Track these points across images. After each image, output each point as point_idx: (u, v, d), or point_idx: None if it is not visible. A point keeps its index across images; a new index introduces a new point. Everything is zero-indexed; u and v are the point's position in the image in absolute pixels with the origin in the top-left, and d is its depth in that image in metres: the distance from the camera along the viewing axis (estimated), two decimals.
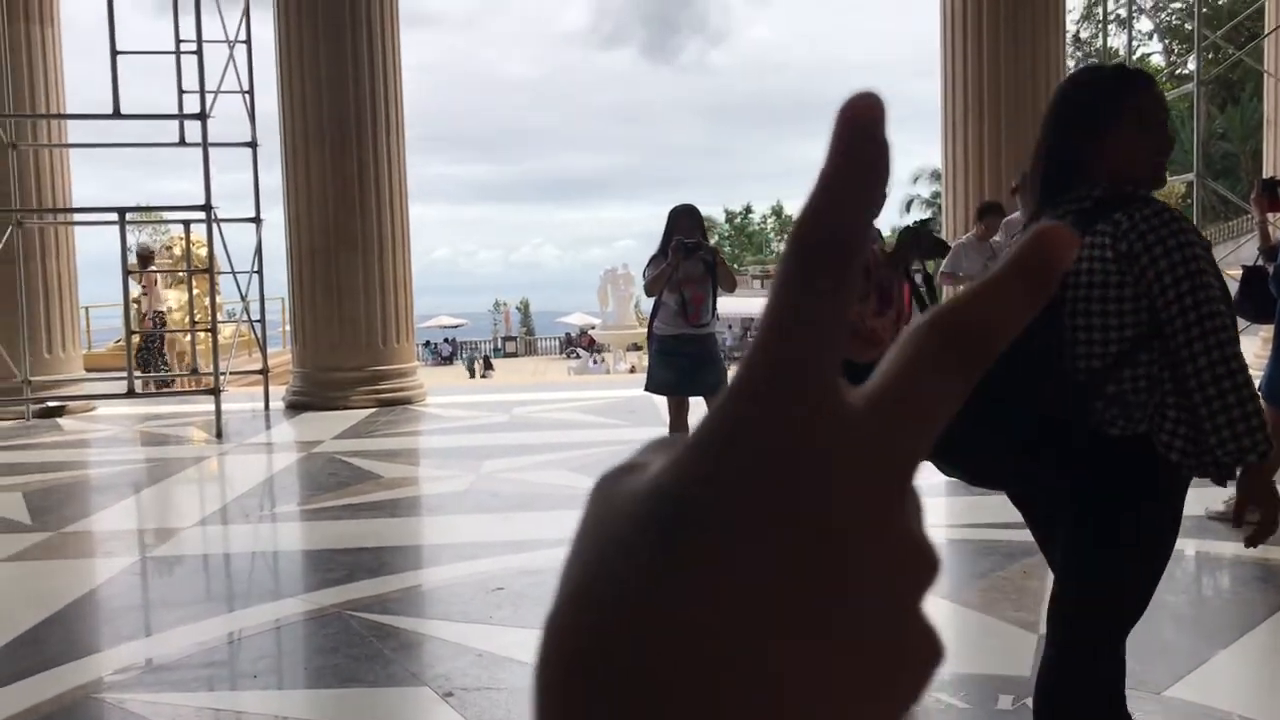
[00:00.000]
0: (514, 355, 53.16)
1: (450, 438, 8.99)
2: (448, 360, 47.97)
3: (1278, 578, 4.50)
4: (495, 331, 60.22)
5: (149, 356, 14.34)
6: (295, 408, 10.92)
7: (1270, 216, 5.66)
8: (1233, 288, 5.48)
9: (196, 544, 5.71)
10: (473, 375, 37.23)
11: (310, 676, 3.64)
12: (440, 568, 4.91)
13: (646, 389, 6.38)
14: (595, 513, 0.26)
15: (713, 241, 6.46)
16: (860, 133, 0.24)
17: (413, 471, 7.61)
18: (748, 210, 73.21)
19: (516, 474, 7.05)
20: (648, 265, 6.22)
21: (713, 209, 73.69)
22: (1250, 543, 2.30)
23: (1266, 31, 11.51)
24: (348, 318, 10.90)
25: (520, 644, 3.72)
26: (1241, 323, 7.40)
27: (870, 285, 4.19)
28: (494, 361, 44.54)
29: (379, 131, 10.94)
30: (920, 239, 4.46)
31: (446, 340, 52.61)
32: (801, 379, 0.24)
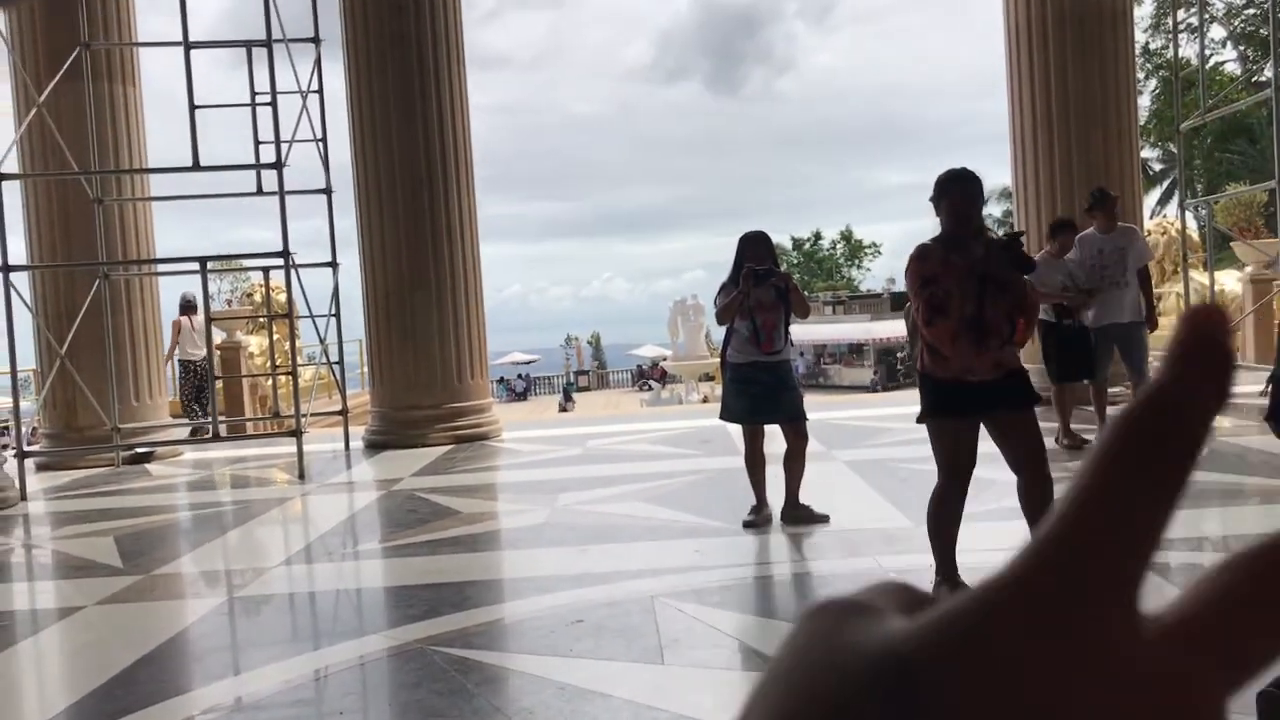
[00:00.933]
0: (586, 389, 53.42)
1: (526, 472, 9.05)
2: (522, 396, 48.39)
3: None
4: (567, 366, 60.59)
5: (186, 403, 14.10)
6: (375, 447, 11.08)
7: None
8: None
9: (282, 583, 5.81)
10: (563, 409, 37.49)
11: (395, 713, 3.68)
12: (520, 601, 4.94)
13: (721, 418, 6.35)
14: (811, 650, 0.25)
15: (783, 268, 6.38)
16: (1205, 339, 0.24)
17: (491, 506, 7.67)
18: (817, 236, 72.87)
19: (592, 506, 7.07)
20: (719, 293, 6.19)
21: (780, 236, 73.47)
22: None
23: None
24: (423, 357, 11.07)
25: (601, 676, 3.72)
26: None
27: (925, 294, 4.27)
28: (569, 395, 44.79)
29: (449, 174, 11.13)
30: (1011, 252, 4.45)
31: (520, 376, 53.06)
32: (1089, 592, 0.22)
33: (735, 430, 11.06)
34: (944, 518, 4.51)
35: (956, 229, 4.38)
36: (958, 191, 4.43)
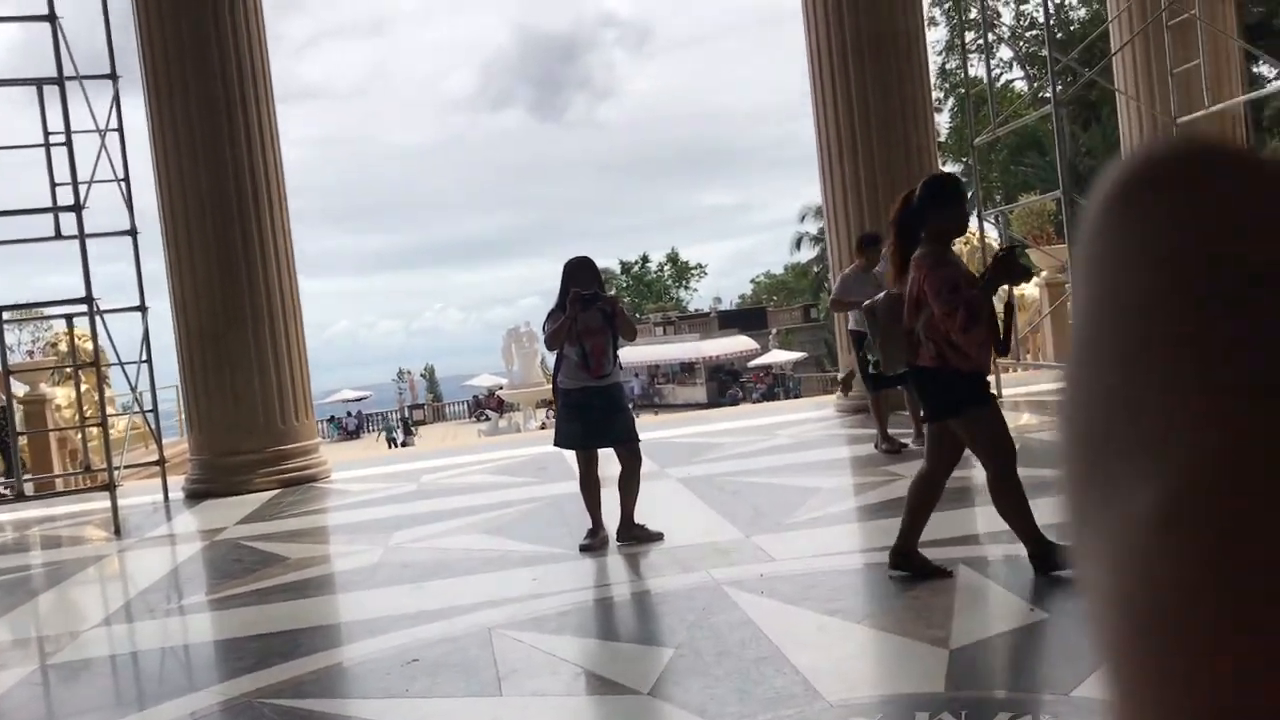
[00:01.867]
0: (422, 423, 52.54)
1: (358, 512, 8.85)
2: (354, 434, 47.26)
3: None
4: (401, 401, 59.46)
5: None
6: (196, 496, 10.64)
7: None
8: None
9: (101, 645, 5.51)
10: (391, 446, 36.83)
11: None
12: (353, 645, 4.82)
13: (556, 444, 6.35)
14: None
15: (611, 292, 6.45)
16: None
17: (321, 550, 7.47)
18: (644, 259, 73.82)
19: (427, 542, 6.97)
20: (547, 320, 6.23)
21: (609, 260, 74.09)
22: None
23: (1113, 51, 12.11)
24: (243, 399, 10.71)
25: (438, 714, 3.67)
26: None
27: (959, 300, 4.35)
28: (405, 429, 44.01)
29: (261, 208, 10.83)
30: (1012, 264, 4.64)
31: (351, 414, 51.80)
32: None
33: (571, 455, 11.12)
34: (1022, 497, 4.62)
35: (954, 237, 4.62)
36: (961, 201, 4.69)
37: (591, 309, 5.93)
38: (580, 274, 6.07)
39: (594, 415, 6.00)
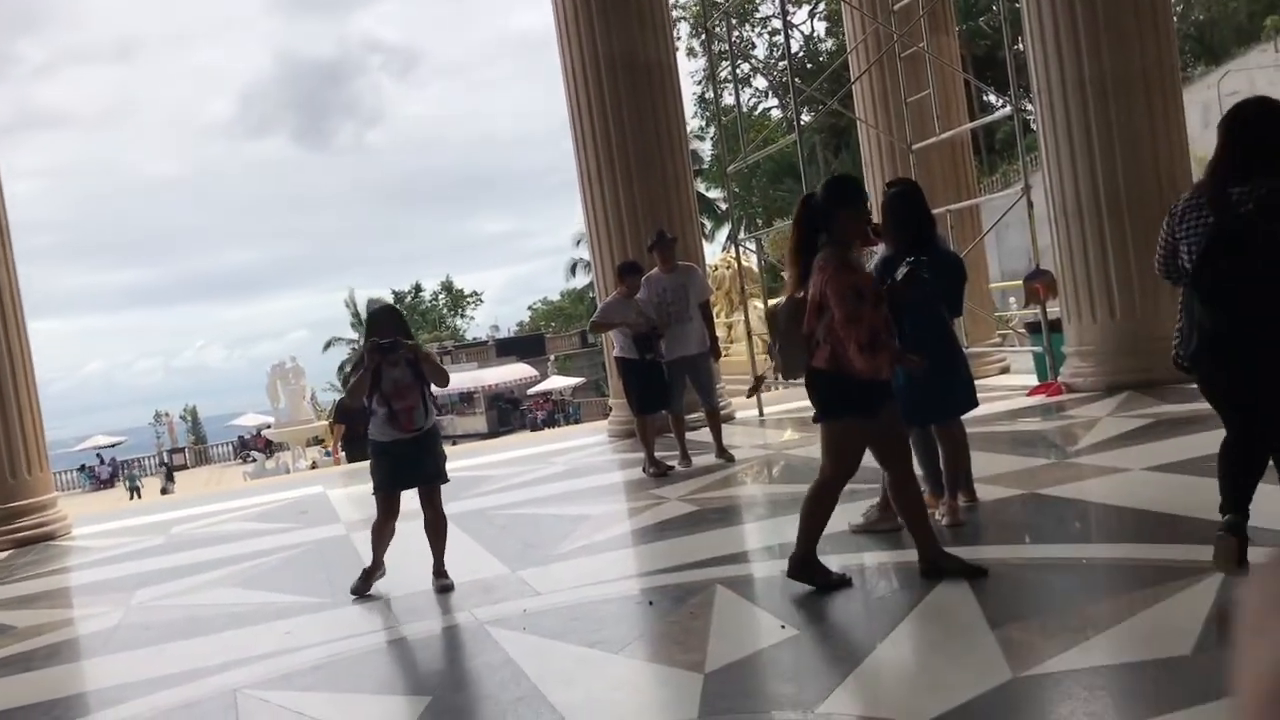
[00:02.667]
0: (183, 468, 49.74)
1: (98, 571, 8.21)
2: (108, 483, 44.27)
3: (914, 577, 4.88)
4: (159, 445, 56.10)
5: None
6: None
7: (868, 250, 6.20)
8: None
9: None
10: (134, 496, 34.65)
11: None
12: None
13: (375, 491, 5.91)
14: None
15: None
16: None
17: (53, 615, 6.86)
18: (417, 289, 72.59)
19: (174, 599, 6.53)
20: (351, 371, 5.94)
21: (382, 290, 72.62)
22: None
23: (852, 80, 12.78)
24: None
25: None
26: None
27: (863, 311, 4.40)
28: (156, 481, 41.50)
29: None
30: (915, 280, 4.82)
31: (103, 461, 48.50)
32: None
33: (335, 496, 10.73)
34: (827, 512, 4.78)
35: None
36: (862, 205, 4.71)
37: (399, 364, 5.63)
38: (379, 322, 5.80)
39: (405, 461, 5.74)
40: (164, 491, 35.53)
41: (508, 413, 51.14)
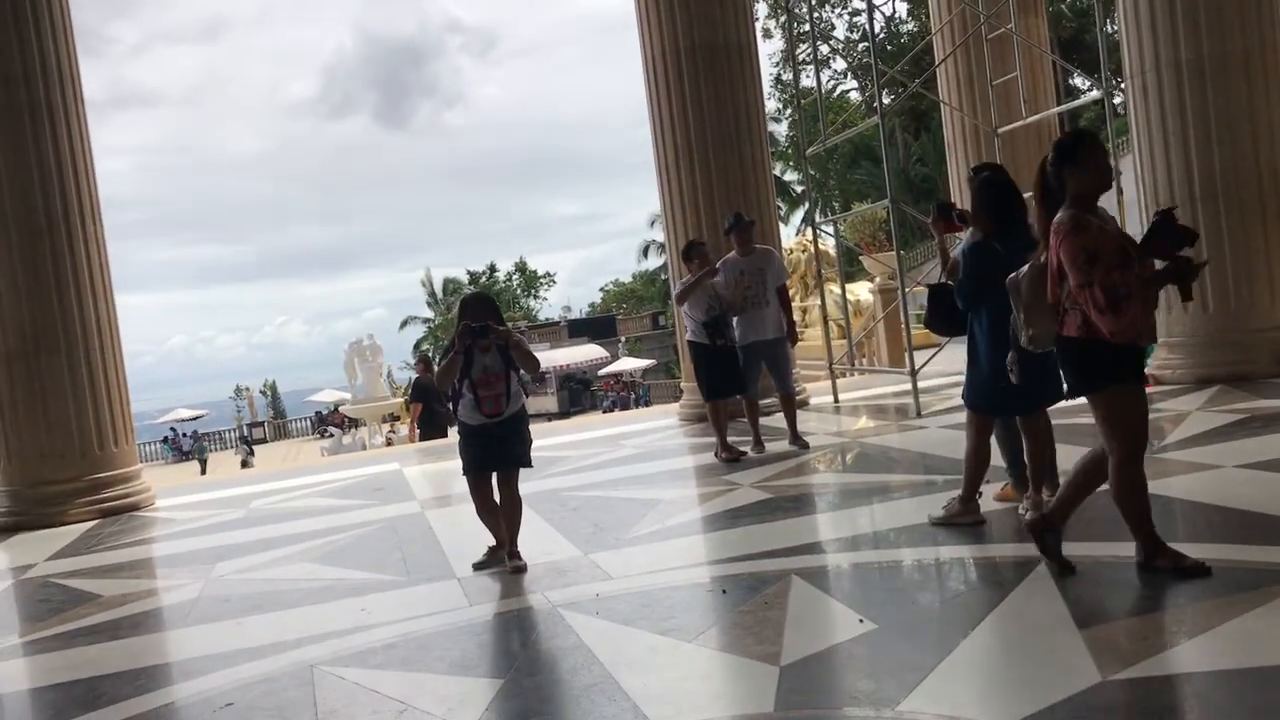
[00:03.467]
0: (263, 441, 50.83)
1: (180, 543, 8.39)
2: (189, 455, 45.39)
3: (998, 572, 4.77)
4: (239, 419, 57.35)
5: None
6: (5, 530, 9.94)
7: (952, 235, 6.06)
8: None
9: None
10: (203, 470, 35.64)
11: None
12: (162, 691, 4.51)
13: (464, 472, 5.95)
14: None
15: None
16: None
17: (137, 585, 7.02)
18: (492, 269, 73.18)
19: (253, 573, 6.63)
20: (441, 357, 5.93)
21: (457, 271, 73.31)
22: None
23: (936, 63, 12.52)
24: (57, 425, 10.07)
25: None
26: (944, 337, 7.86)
27: (1096, 275, 4.07)
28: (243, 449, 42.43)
29: (74, 222, 10.21)
30: (1171, 227, 4.23)
31: (186, 435, 49.75)
32: None
33: (410, 474, 10.84)
34: (1143, 489, 4.34)
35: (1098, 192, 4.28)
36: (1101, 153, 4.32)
37: (491, 349, 5.60)
38: (472, 308, 5.75)
39: (491, 445, 5.75)
40: (244, 465, 36.42)
41: (579, 393, 51.41)
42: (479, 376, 5.62)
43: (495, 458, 5.79)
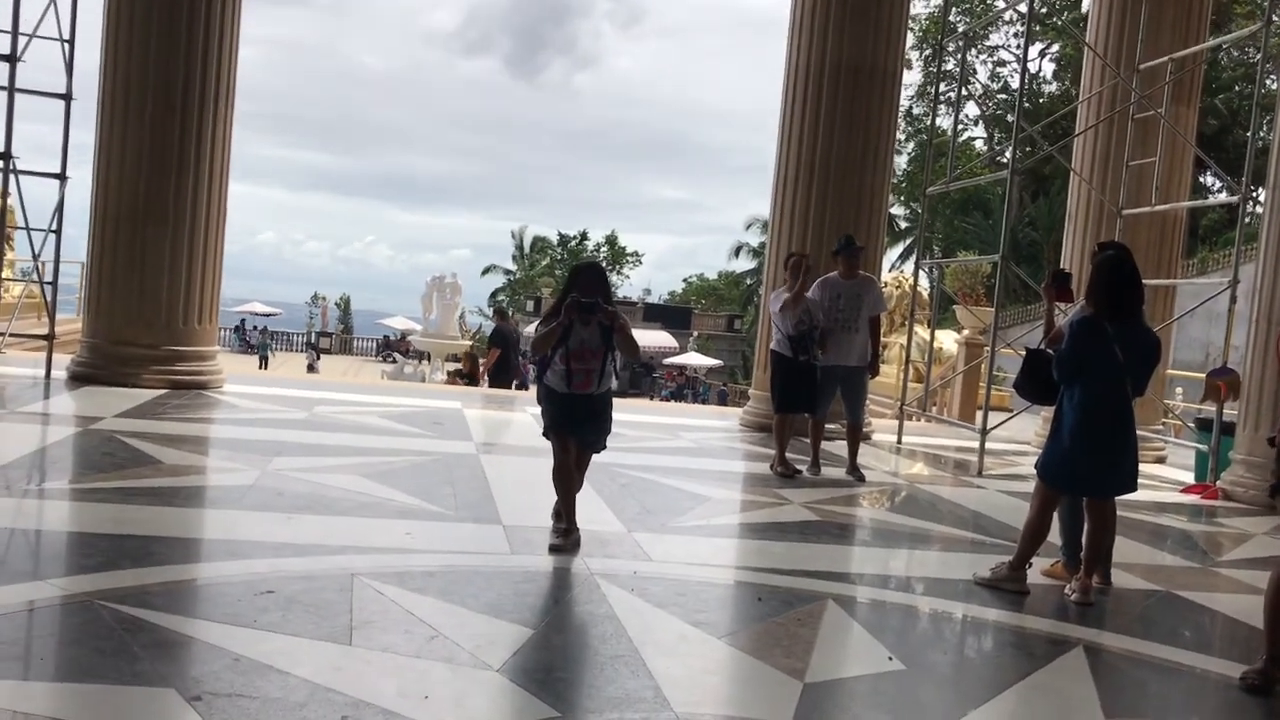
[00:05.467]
0: (328, 352, 51.67)
1: (243, 429, 8.61)
2: (256, 349, 46.31)
3: (1031, 644, 4.75)
4: (310, 325, 58.34)
5: None
6: (79, 379, 10.29)
7: (1059, 305, 6.01)
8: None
9: None
10: (262, 365, 36.48)
11: (44, 668, 3.39)
12: (209, 564, 4.68)
13: (544, 433, 5.68)
14: None
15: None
16: None
17: (196, 460, 7.25)
18: (583, 236, 73.49)
19: (307, 475, 6.80)
20: (540, 322, 5.78)
21: (548, 230, 73.74)
22: None
23: (1077, 132, 12.33)
24: (148, 291, 10.38)
25: (282, 651, 3.57)
26: (1021, 402, 7.79)
27: None
28: (301, 357, 43.22)
29: (207, 102, 10.49)
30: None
31: (256, 329, 50.75)
32: None
33: (471, 416, 11.00)
34: None
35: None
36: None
37: (591, 323, 5.41)
38: (583, 279, 5.47)
39: (573, 414, 5.55)
40: (310, 369, 37.14)
41: (640, 377, 51.48)
42: (575, 349, 5.45)
43: (572, 428, 5.59)
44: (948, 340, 19.05)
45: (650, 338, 52.90)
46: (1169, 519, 8.49)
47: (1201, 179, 36.52)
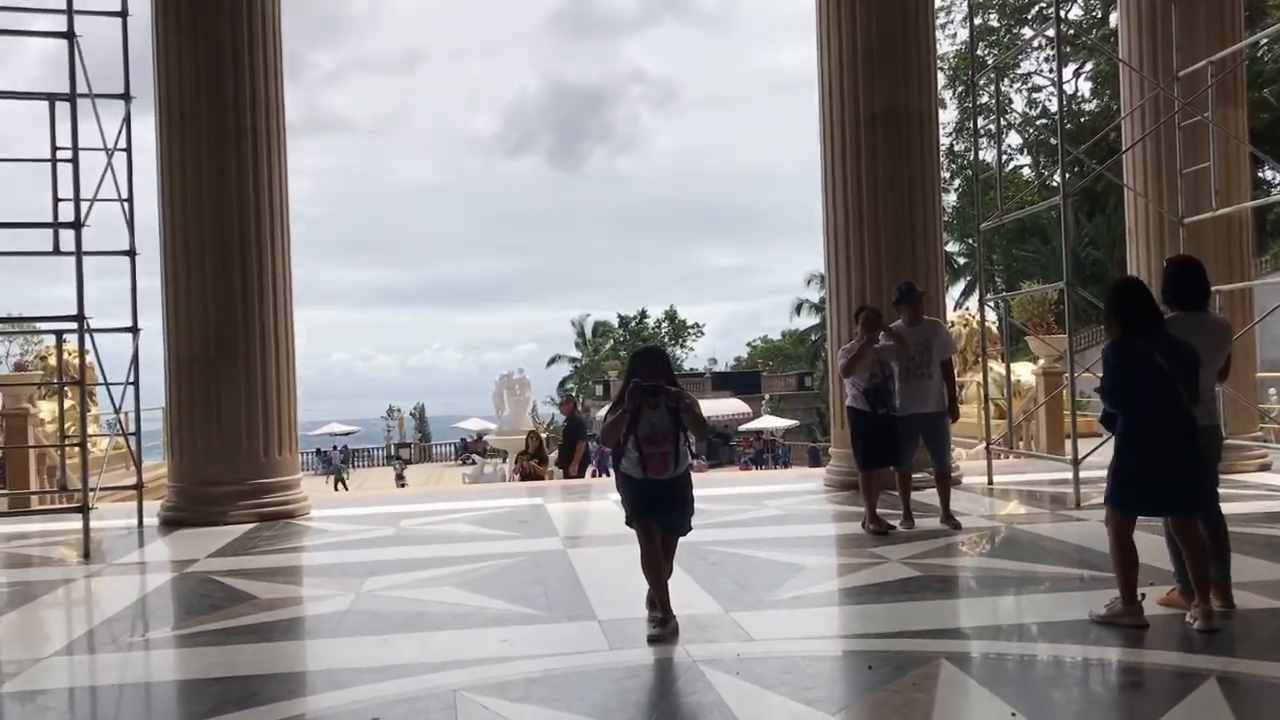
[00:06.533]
0: (409, 462, 52.24)
1: (333, 554, 8.68)
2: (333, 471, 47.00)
3: (1161, 681, 4.55)
4: (389, 438, 59.12)
5: None
6: (171, 524, 10.48)
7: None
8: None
9: (59, 675, 5.35)
10: (337, 488, 37.12)
11: None
12: (313, 697, 4.66)
13: (628, 521, 5.64)
14: None
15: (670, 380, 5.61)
16: None
17: (291, 591, 7.30)
18: (643, 315, 73.95)
19: (400, 591, 6.81)
20: (608, 411, 5.77)
21: (608, 314, 74.31)
22: None
23: (1124, 148, 12.16)
24: (227, 429, 10.59)
25: None
26: None
27: None
28: (383, 471, 43.73)
29: (263, 239, 10.78)
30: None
31: (337, 449, 51.54)
32: None
33: (554, 511, 10.99)
34: None
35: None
36: None
37: (659, 408, 5.42)
38: (644, 363, 5.52)
39: (653, 499, 5.52)
40: (399, 481, 37.74)
41: (717, 447, 51.22)
42: (645, 434, 5.44)
43: (655, 514, 5.55)
44: (1024, 372, 18.69)
45: (722, 406, 52.74)
46: None
47: (1261, 174, 35.79)
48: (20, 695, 4.97)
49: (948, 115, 41.99)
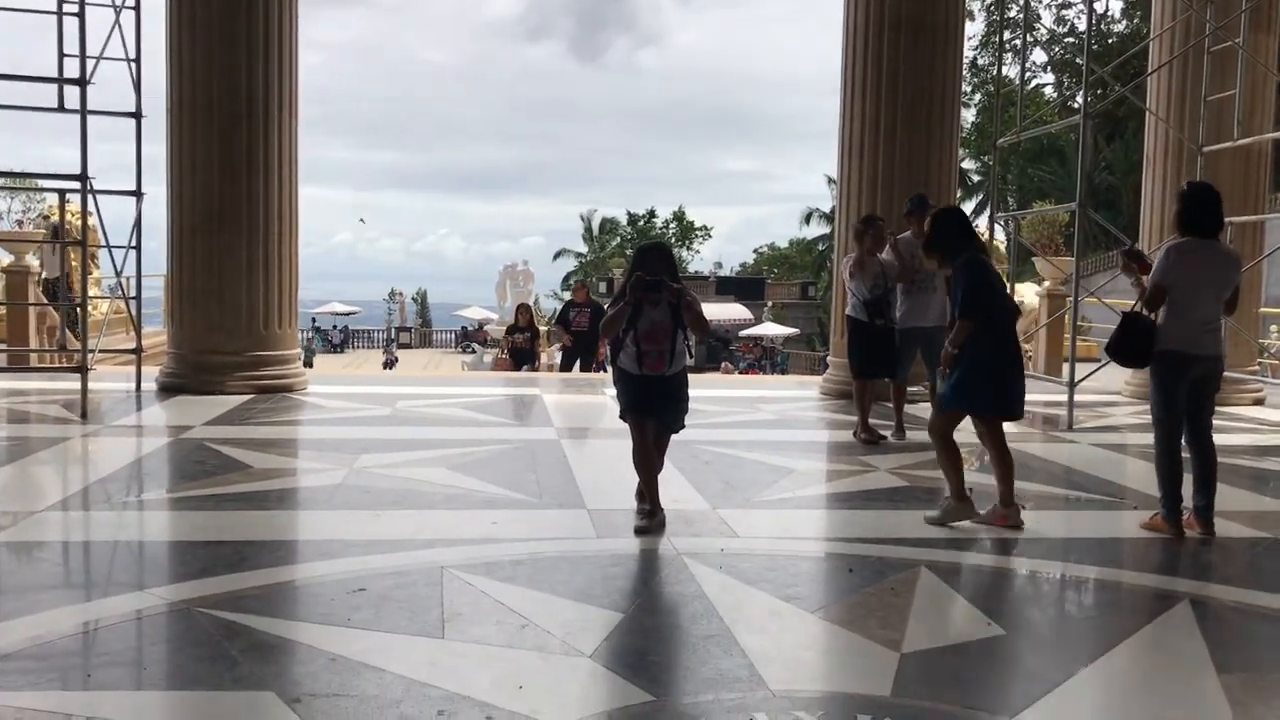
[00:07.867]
0: (408, 346, 52.43)
1: (327, 429, 8.75)
2: (338, 348, 47.16)
3: (1135, 600, 4.62)
4: (389, 321, 59.20)
5: None
6: (168, 390, 10.54)
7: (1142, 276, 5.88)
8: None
9: (54, 529, 5.44)
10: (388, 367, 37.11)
11: (149, 677, 3.46)
12: (301, 565, 4.75)
13: (622, 415, 5.65)
14: None
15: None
16: None
17: (285, 463, 7.37)
18: (651, 214, 73.36)
19: (392, 470, 6.88)
20: (610, 305, 5.75)
21: (617, 211, 73.78)
22: None
23: (1150, 70, 11.92)
24: (228, 300, 10.57)
25: (377, 649, 3.60)
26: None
27: None
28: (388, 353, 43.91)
29: (271, 109, 10.62)
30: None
31: (337, 328, 51.65)
32: None
33: (551, 401, 11.04)
34: None
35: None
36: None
37: (660, 303, 5.36)
38: (648, 259, 5.45)
39: (648, 395, 5.51)
40: (386, 365, 37.70)
41: (717, 350, 51.32)
42: (645, 329, 5.41)
43: (648, 409, 5.55)
44: (1029, 293, 18.62)
45: (724, 311, 52.68)
46: (1271, 462, 8.21)
47: None
48: (14, 545, 5.06)
49: (974, 27, 41.11)
